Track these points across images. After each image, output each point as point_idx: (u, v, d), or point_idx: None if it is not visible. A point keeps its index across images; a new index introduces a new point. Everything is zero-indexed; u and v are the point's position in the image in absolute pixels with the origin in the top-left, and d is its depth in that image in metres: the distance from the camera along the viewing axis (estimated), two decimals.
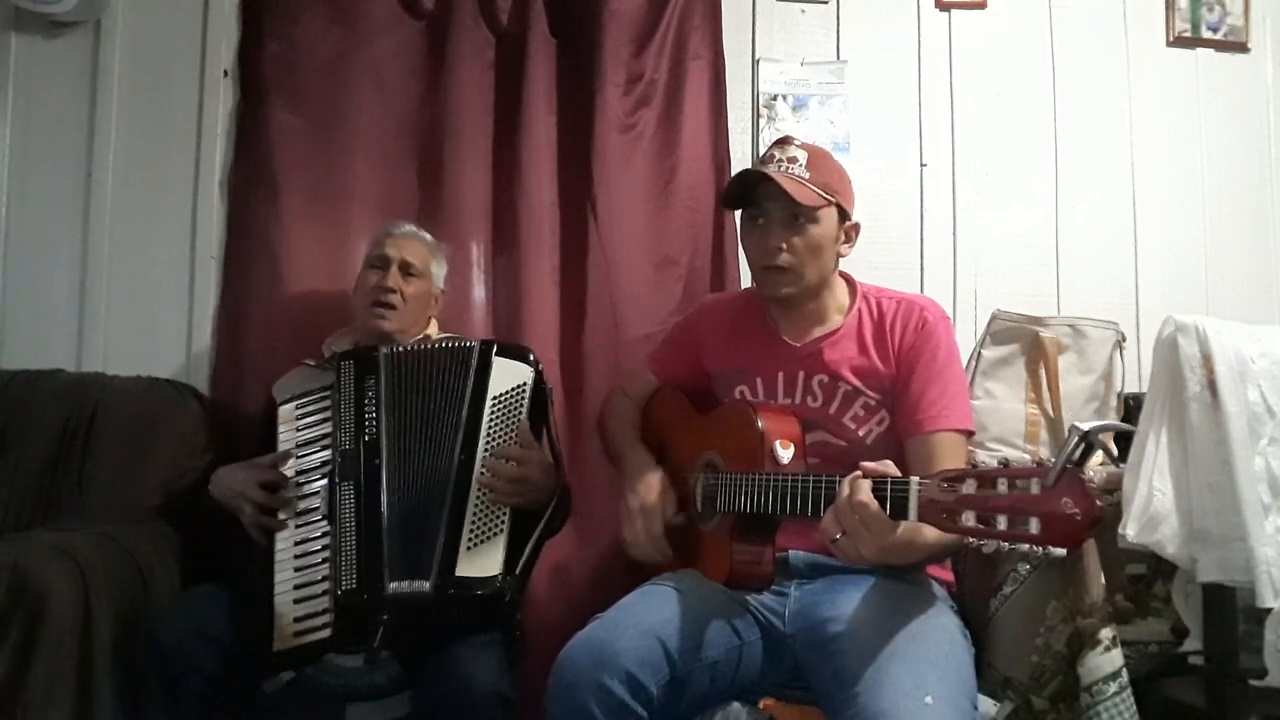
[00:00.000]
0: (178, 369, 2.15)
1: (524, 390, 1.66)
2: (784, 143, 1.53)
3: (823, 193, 1.48)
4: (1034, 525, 0.98)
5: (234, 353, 2.15)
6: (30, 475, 1.89)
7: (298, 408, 1.71)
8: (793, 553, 1.45)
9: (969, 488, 1.05)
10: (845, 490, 1.16)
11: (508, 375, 1.66)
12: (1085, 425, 0.97)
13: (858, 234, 1.58)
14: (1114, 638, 1.44)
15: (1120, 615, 1.57)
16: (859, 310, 1.55)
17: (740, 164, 2.32)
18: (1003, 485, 1.02)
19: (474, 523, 1.55)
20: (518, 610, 1.71)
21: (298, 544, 1.60)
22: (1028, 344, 2.06)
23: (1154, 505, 1.47)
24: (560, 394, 2.18)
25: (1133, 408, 1.57)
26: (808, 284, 1.51)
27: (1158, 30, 2.49)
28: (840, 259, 1.56)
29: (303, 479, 1.64)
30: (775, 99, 2.37)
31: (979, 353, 2.08)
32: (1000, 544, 1.00)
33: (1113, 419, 2.06)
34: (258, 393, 1.92)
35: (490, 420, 1.62)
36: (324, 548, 1.58)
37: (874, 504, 1.13)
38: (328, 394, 1.69)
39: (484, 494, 1.57)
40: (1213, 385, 1.49)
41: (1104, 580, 1.47)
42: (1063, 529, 0.96)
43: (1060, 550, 0.97)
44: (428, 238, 1.98)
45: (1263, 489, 1.46)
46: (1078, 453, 0.97)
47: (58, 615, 1.44)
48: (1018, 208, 2.42)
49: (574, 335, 2.21)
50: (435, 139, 2.23)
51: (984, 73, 2.43)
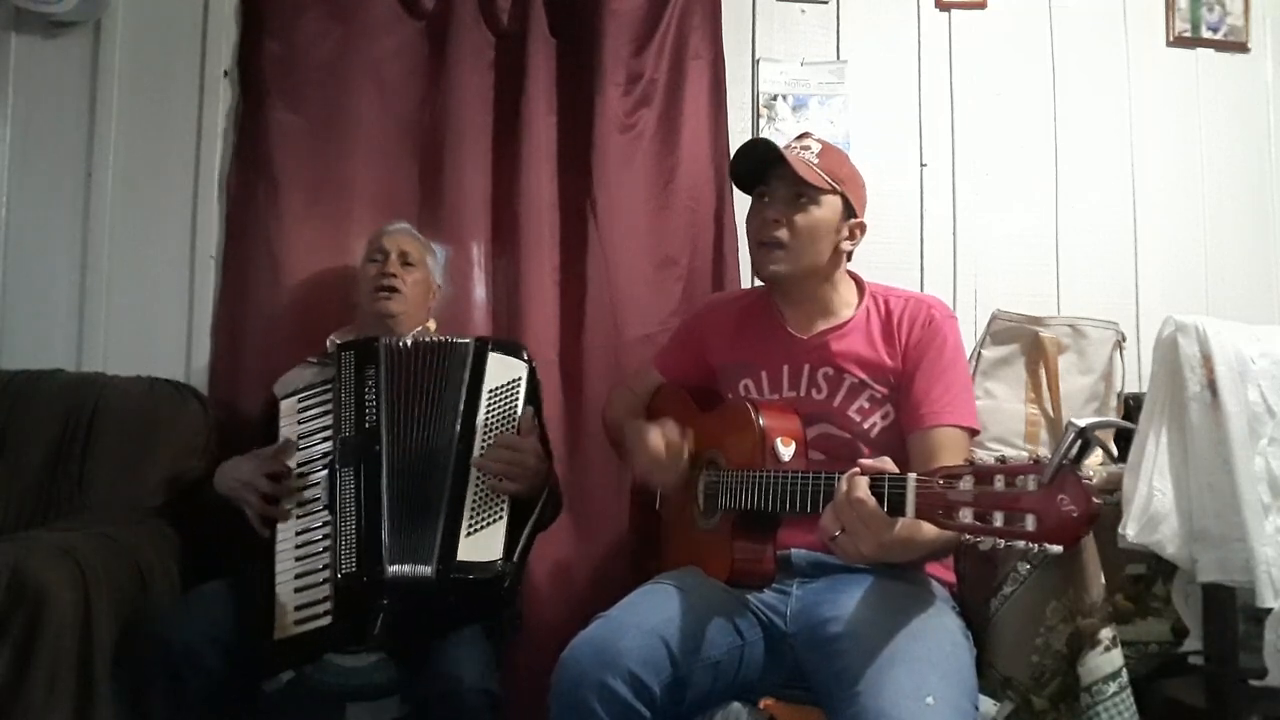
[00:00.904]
0: (178, 369, 2.15)
1: (519, 384, 1.70)
2: (803, 136, 1.58)
3: (828, 178, 1.49)
4: (1030, 522, 0.98)
5: (234, 352, 2.15)
6: (30, 475, 1.89)
7: (299, 401, 1.72)
8: (795, 551, 1.45)
9: (966, 484, 1.05)
10: (843, 487, 1.16)
11: (503, 369, 1.70)
12: (1082, 422, 0.96)
13: (863, 234, 1.58)
14: (1114, 638, 1.44)
15: (1120, 615, 1.57)
16: (867, 307, 1.56)
17: None
18: (999, 482, 1.02)
19: (474, 509, 1.58)
20: (516, 596, 1.72)
21: (299, 534, 1.61)
22: (1028, 344, 2.06)
23: (1154, 505, 1.47)
24: (560, 394, 2.18)
25: (1133, 408, 1.57)
26: (801, 266, 1.52)
27: (1158, 30, 2.50)
28: (842, 254, 1.56)
29: (304, 470, 1.65)
30: (775, 99, 2.37)
31: (979, 353, 2.08)
32: (997, 541, 1.00)
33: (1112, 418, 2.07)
34: (258, 392, 1.92)
35: (487, 412, 1.66)
36: (325, 537, 1.59)
37: (871, 501, 1.14)
38: (328, 387, 1.70)
39: (482, 481, 1.60)
40: (1213, 385, 1.49)
41: (1104, 580, 1.47)
42: (1059, 526, 0.96)
43: (1057, 547, 0.97)
44: (419, 235, 2.04)
45: (1263, 489, 1.46)
46: (1075, 450, 0.96)
47: (58, 615, 1.44)
48: (1018, 208, 2.42)
49: (574, 335, 2.22)
50: (435, 139, 2.23)
51: (984, 73, 2.44)
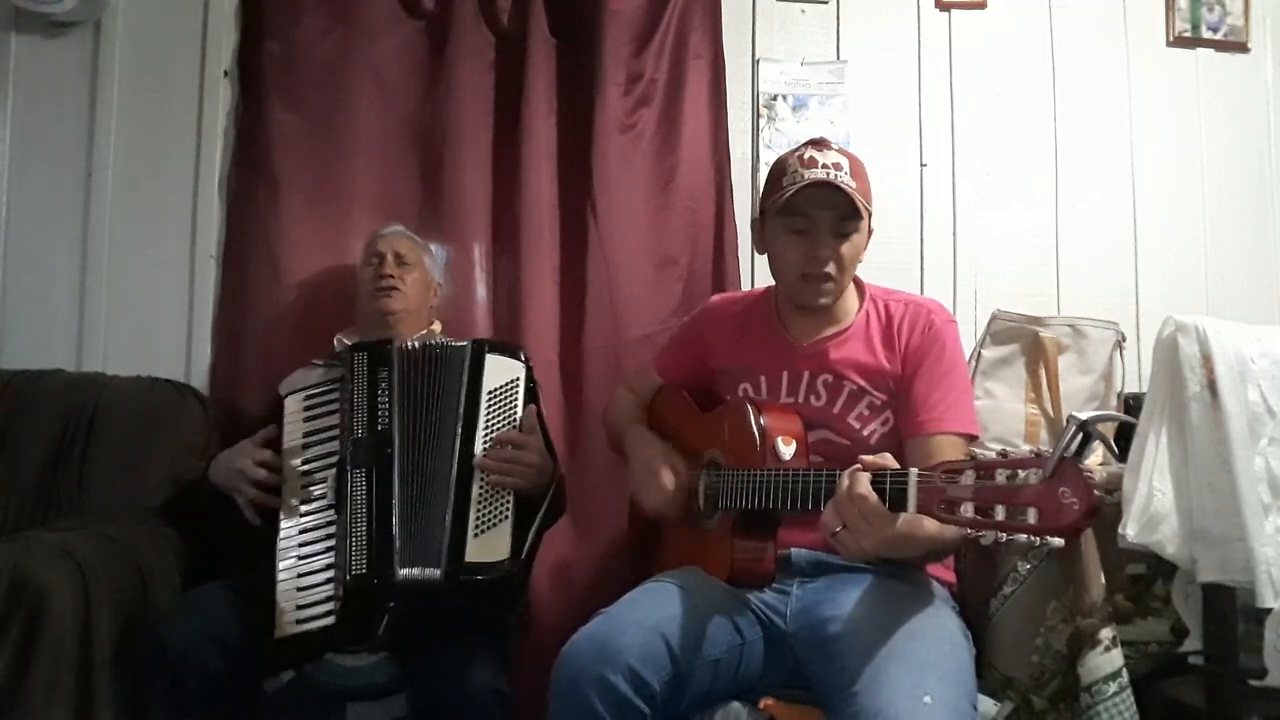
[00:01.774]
0: (178, 369, 2.15)
1: (517, 384, 1.71)
2: (821, 145, 1.49)
3: (865, 201, 1.48)
4: (1032, 516, 0.98)
5: (234, 352, 2.15)
6: (30, 475, 1.89)
7: (306, 399, 1.72)
8: (795, 551, 1.45)
9: (967, 479, 1.05)
10: (845, 483, 1.16)
11: (501, 370, 1.71)
12: (1083, 415, 0.97)
13: (871, 237, 1.58)
14: (1114, 638, 1.44)
15: (1120, 615, 1.57)
16: (867, 311, 1.55)
17: (740, 164, 2.33)
18: (1000, 476, 1.02)
19: (480, 510, 1.58)
20: (524, 595, 1.72)
21: (302, 533, 1.61)
22: (1028, 344, 2.06)
23: (1154, 505, 1.47)
24: (560, 394, 2.18)
25: (1133, 408, 1.57)
26: (841, 292, 1.53)
27: (1158, 30, 2.50)
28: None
29: (309, 468, 1.65)
30: (775, 99, 2.37)
31: (979, 353, 2.08)
32: (998, 535, 1.00)
33: None
34: (258, 392, 1.92)
35: (488, 412, 1.66)
36: (328, 536, 1.59)
37: (873, 496, 1.13)
38: (336, 387, 1.70)
39: (486, 481, 1.60)
40: (1213, 385, 1.49)
41: (1104, 580, 1.47)
42: (1060, 519, 0.96)
43: (1058, 541, 0.97)
44: (415, 236, 2.05)
45: (1263, 489, 1.46)
46: (1075, 443, 0.97)
47: (58, 616, 1.44)
48: (1018, 208, 2.42)
49: (574, 335, 2.22)
50: (435, 139, 2.23)
51: (984, 73, 2.43)
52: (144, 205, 2.21)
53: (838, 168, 1.46)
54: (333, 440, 1.66)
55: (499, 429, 1.66)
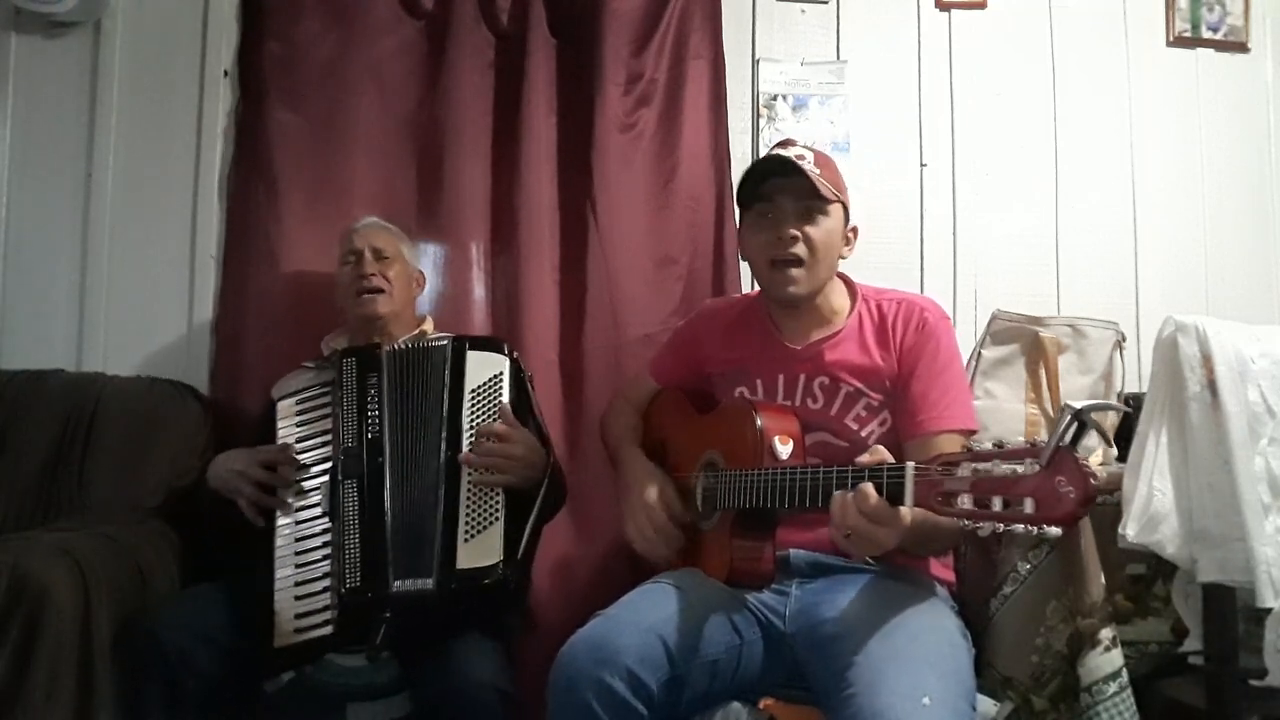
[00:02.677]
0: (178, 369, 2.15)
1: (500, 379, 1.67)
2: (787, 144, 1.55)
3: (831, 187, 1.49)
4: (1029, 505, 0.98)
5: (234, 352, 2.15)
6: (30, 475, 1.89)
7: (298, 403, 1.72)
8: (794, 552, 1.45)
9: (964, 471, 1.05)
10: (846, 493, 1.16)
11: (483, 367, 1.67)
12: (1078, 404, 0.96)
13: (856, 237, 1.58)
14: (1114, 638, 1.44)
15: (1120, 615, 1.57)
16: (859, 312, 1.55)
17: (740, 164, 2.32)
18: (997, 467, 1.01)
19: (469, 513, 1.56)
20: (524, 596, 1.71)
21: (298, 540, 1.61)
22: (1028, 344, 2.06)
23: (1154, 505, 1.47)
24: (560, 394, 2.18)
25: (1133, 408, 1.57)
26: (817, 281, 1.51)
27: (1158, 30, 2.50)
28: (841, 261, 1.57)
29: (302, 474, 1.64)
30: (775, 99, 2.37)
31: (979, 353, 2.08)
32: (996, 525, 1.00)
33: (1113, 419, 2.06)
34: (258, 392, 1.92)
35: (471, 412, 1.63)
36: (325, 544, 1.58)
37: (874, 494, 1.13)
38: (328, 390, 1.69)
39: (474, 482, 1.57)
40: (1213, 385, 1.49)
41: (1104, 580, 1.47)
42: (1057, 508, 0.96)
43: (1056, 530, 0.97)
44: (391, 226, 2.00)
45: (1263, 489, 1.46)
46: (1071, 432, 0.96)
47: (58, 615, 1.44)
48: (1018, 208, 2.42)
49: (574, 335, 2.21)
50: (435, 139, 2.23)
51: (984, 73, 2.43)
52: (144, 205, 2.21)
53: (800, 158, 1.49)
54: (326, 446, 1.65)
55: (485, 425, 1.63)
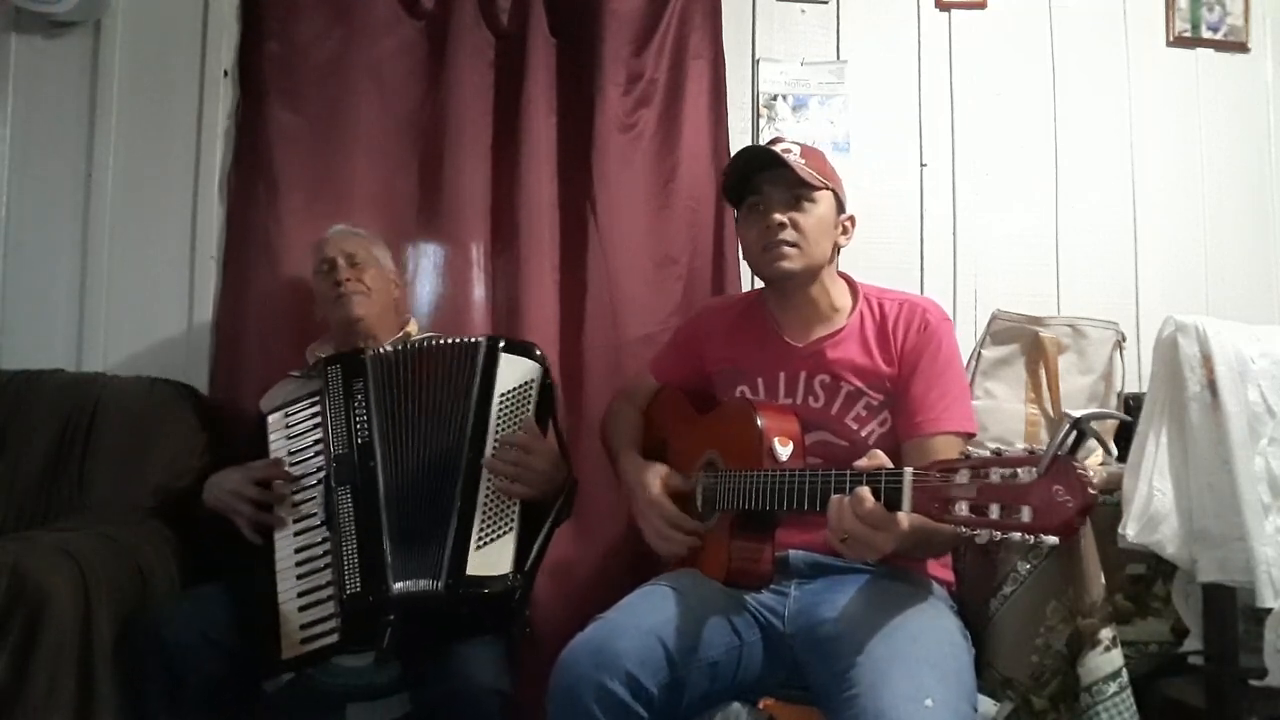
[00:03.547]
0: (178, 369, 2.15)
1: (532, 386, 1.64)
2: (775, 142, 1.56)
3: (819, 175, 1.50)
4: (1026, 514, 0.97)
5: (233, 353, 2.15)
6: (30, 475, 1.89)
7: (287, 415, 1.70)
8: (793, 552, 1.45)
9: (962, 477, 1.04)
10: (844, 499, 1.16)
11: (516, 371, 1.64)
12: (1077, 413, 0.96)
13: (854, 226, 1.59)
14: (1114, 638, 1.44)
15: (1120, 615, 1.57)
16: (861, 312, 1.55)
17: None
18: (995, 474, 1.01)
19: (484, 520, 1.54)
20: (526, 607, 1.70)
21: (298, 551, 1.60)
22: (1028, 344, 2.06)
23: (1154, 505, 1.47)
24: (560, 394, 2.18)
25: (1133, 408, 1.57)
26: (812, 262, 1.51)
27: (1158, 30, 2.49)
28: (839, 250, 1.58)
29: (298, 485, 1.63)
30: (775, 99, 2.37)
31: (979, 353, 2.08)
32: (993, 533, 1.00)
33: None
34: (258, 393, 1.91)
35: (499, 417, 1.60)
36: (326, 554, 1.57)
37: (870, 499, 1.13)
38: (315, 400, 1.68)
39: (493, 490, 1.56)
40: (1213, 385, 1.49)
41: (1104, 580, 1.47)
42: (1054, 517, 0.96)
43: (1052, 539, 0.96)
44: (360, 231, 1.99)
45: (1263, 489, 1.46)
46: (1069, 440, 0.96)
47: (58, 616, 1.44)
48: (1018, 208, 2.42)
49: (574, 335, 2.21)
50: (435, 139, 2.23)
51: (984, 73, 2.43)
52: (144, 205, 2.21)
53: (786, 151, 1.51)
54: (318, 455, 1.64)
55: (510, 433, 1.60)
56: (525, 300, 2.18)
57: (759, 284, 1.66)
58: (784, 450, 1.37)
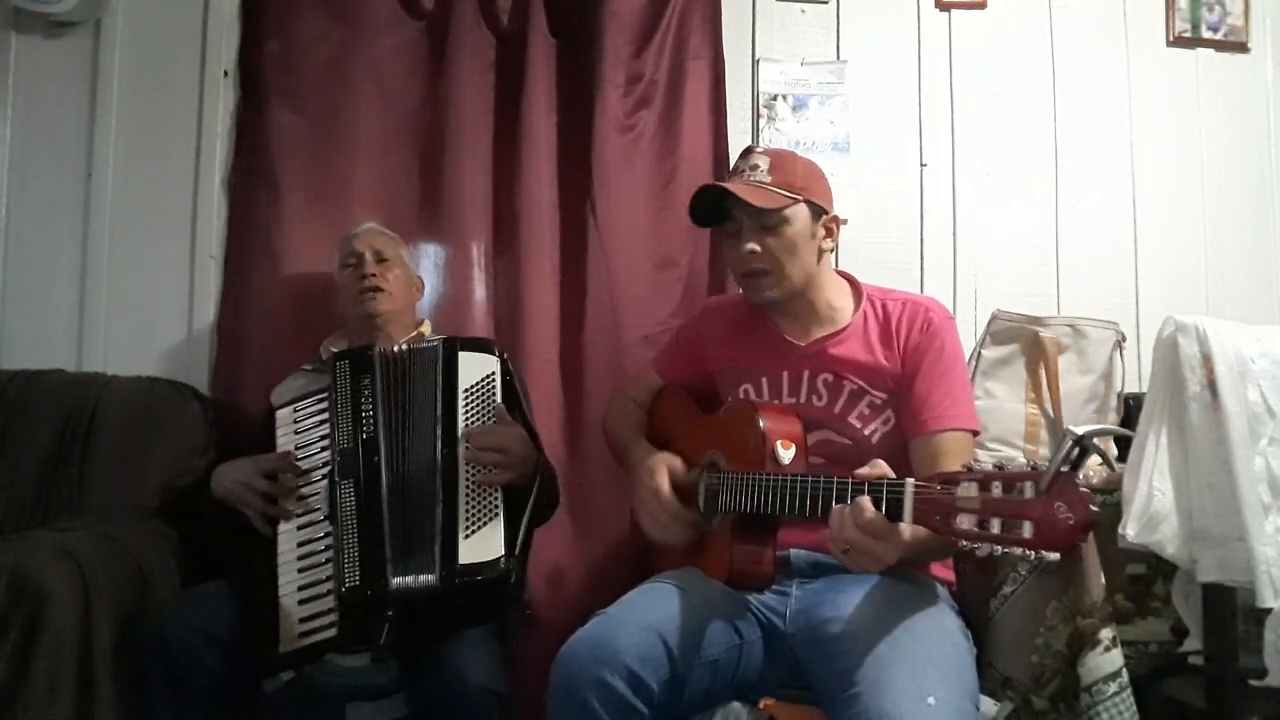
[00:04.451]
0: (178, 369, 2.15)
1: (493, 379, 1.69)
2: (746, 154, 1.56)
3: (785, 192, 1.49)
4: (1027, 530, 0.97)
5: (234, 353, 2.15)
6: (30, 475, 1.89)
7: (295, 410, 1.72)
8: (794, 552, 1.45)
9: (964, 490, 1.05)
10: (845, 509, 1.16)
11: (476, 367, 1.69)
12: (1080, 429, 0.97)
13: (839, 227, 1.59)
14: (1114, 638, 1.44)
15: (1120, 615, 1.57)
16: (864, 311, 1.55)
17: None
18: (997, 489, 1.01)
19: (469, 510, 1.57)
20: (523, 590, 1.72)
21: (300, 545, 1.61)
22: (1028, 344, 2.06)
23: (1154, 505, 1.47)
24: (560, 394, 2.18)
25: (1133, 408, 1.57)
26: (791, 284, 1.52)
27: (1158, 30, 2.49)
28: (824, 254, 1.56)
29: (302, 480, 1.64)
30: (775, 99, 2.37)
31: (979, 353, 2.08)
32: (994, 548, 1.00)
33: (1113, 419, 2.06)
34: (259, 393, 1.92)
35: (466, 412, 1.65)
36: (327, 548, 1.59)
37: (871, 509, 1.13)
38: (324, 396, 1.70)
39: (472, 479, 1.59)
40: (1213, 385, 1.49)
41: (1104, 580, 1.47)
42: (1055, 533, 0.96)
43: (1053, 555, 0.97)
44: (388, 231, 2.01)
45: (1263, 489, 1.46)
46: (1072, 457, 0.97)
47: (58, 615, 1.44)
48: (1018, 208, 2.42)
49: (574, 335, 2.21)
50: (435, 139, 2.23)
51: (984, 73, 2.43)
52: (144, 205, 2.21)
53: (754, 169, 1.51)
54: (324, 450, 1.66)
55: (479, 426, 1.65)
56: (525, 300, 2.19)
57: None
58: (786, 454, 1.37)
